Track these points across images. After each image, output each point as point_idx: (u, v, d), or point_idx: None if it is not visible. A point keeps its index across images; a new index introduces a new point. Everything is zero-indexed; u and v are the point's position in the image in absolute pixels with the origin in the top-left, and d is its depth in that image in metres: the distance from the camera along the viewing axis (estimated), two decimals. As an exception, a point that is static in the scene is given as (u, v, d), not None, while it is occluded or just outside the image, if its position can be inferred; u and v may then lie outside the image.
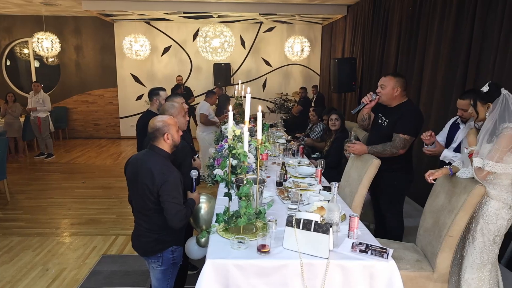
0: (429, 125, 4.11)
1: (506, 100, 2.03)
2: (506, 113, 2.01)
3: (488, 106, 2.11)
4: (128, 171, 2.18)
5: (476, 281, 2.14)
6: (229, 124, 1.98)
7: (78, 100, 9.55)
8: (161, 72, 9.51)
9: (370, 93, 2.88)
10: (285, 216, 1.89)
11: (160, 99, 3.38)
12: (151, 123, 2.12)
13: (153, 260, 2.14)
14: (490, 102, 2.09)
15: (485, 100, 2.14)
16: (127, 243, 3.66)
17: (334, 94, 8.05)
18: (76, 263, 3.33)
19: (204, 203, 2.46)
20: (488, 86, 2.14)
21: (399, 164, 2.83)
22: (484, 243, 2.10)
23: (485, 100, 2.14)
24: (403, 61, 5.06)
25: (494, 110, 2.05)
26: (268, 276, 1.71)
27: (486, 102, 2.13)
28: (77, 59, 9.38)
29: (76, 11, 8.20)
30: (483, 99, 2.15)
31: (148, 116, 3.08)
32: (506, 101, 2.03)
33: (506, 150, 1.96)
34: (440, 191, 2.31)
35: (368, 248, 1.80)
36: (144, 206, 2.06)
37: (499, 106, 2.03)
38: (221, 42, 7.12)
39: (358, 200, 2.67)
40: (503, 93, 2.06)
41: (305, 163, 3.63)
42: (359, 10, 6.85)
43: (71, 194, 5.25)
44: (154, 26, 9.32)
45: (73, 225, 4.20)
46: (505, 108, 2.02)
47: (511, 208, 2.07)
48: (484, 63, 3.45)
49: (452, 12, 3.91)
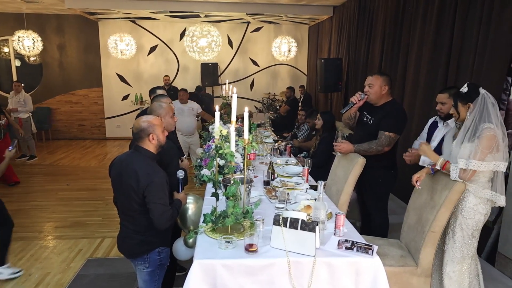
0: (412, 125, 4.20)
1: (485, 99, 2.10)
2: (485, 112, 2.08)
3: (468, 106, 2.17)
4: (112, 172, 2.15)
5: (457, 274, 2.21)
6: (215, 124, 1.98)
7: (62, 100, 9.37)
8: (147, 72, 9.42)
9: (359, 92, 2.93)
10: (272, 215, 1.90)
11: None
12: (136, 124, 2.09)
13: (140, 262, 2.12)
14: (470, 102, 2.16)
15: (465, 100, 2.20)
16: (113, 246, 3.62)
17: (320, 94, 8.12)
18: (61, 267, 3.27)
19: (192, 204, 2.45)
20: (467, 86, 2.21)
21: (384, 161, 2.89)
22: (463, 237, 2.18)
23: (465, 100, 2.20)
24: (387, 62, 5.14)
25: (474, 110, 2.11)
26: (255, 275, 1.72)
27: (466, 102, 2.19)
28: (60, 58, 9.20)
29: (59, 9, 8.05)
30: (463, 99, 2.21)
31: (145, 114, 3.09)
32: (485, 100, 2.10)
33: (487, 151, 2.03)
34: (423, 188, 2.36)
35: (354, 245, 1.83)
36: (129, 207, 2.04)
37: (479, 106, 2.10)
38: (208, 42, 7.10)
39: (344, 198, 2.70)
40: (482, 93, 2.12)
41: (292, 162, 3.66)
42: (344, 11, 6.93)
43: (55, 197, 5.15)
44: (140, 25, 9.22)
45: (57, 228, 4.12)
46: (484, 107, 2.09)
47: (487, 204, 2.15)
48: (464, 64, 3.55)
49: (433, 15, 4.01)
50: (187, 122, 5.37)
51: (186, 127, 5.35)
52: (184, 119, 5.26)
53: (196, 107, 5.57)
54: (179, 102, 5.41)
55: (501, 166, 2.06)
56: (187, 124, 5.35)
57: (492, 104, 2.10)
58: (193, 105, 5.57)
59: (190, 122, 5.46)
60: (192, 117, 5.53)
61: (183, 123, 5.23)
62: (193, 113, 5.52)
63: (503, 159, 2.06)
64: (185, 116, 5.32)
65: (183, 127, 5.26)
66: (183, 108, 5.36)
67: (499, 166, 2.06)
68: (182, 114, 5.23)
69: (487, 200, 2.13)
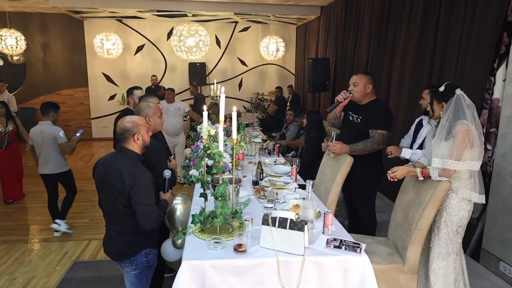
0: (397, 124, 4.26)
1: (460, 100, 2.15)
2: (460, 112, 2.13)
3: (442, 106, 2.22)
4: (96, 174, 2.12)
5: (443, 270, 2.26)
6: (204, 124, 1.97)
7: (47, 101, 9.17)
8: (134, 71, 9.31)
9: (344, 91, 2.96)
10: (261, 215, 1.90)
11: (134, 97, 3.42)
12: (120, 124, 2.05)
13: (127, 264, 2.09)
14: (445, 102, 2.20)
15: (440, 99, 2.25)
16: (100, 248, 3.56)
17: (308, 94, 8.16)
18: (46, 270, 3.20)
19: (180, 204, 2.44)
20: (444, 86, 2.26)
21: (371, 160, 2.93)
22: (448, 234, 2.22)
23: (440, 99, 2.25)
24: (373, 62, 5.21)
25: (448, 110, 2.16)
26: (244, 275, 1.72)
27: (440, 102, 2.25)
28: (45, 57, 9.02)
29: (43, 7, 7.90)
30: (438, 98, 2.27)
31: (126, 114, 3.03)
32: (460, 101, 2.15)
33: (463, 146, 2.08)
34: (409, 187, 2.40)
35: (342, 243, 1.85)
36: (114, 209, 2.01)
37: (453, 106, 2.15)
38: (196, 42, 7.06)
39: (333, 197, 2.72)
40: (457, 94, 2.17)
41: (281, 162, 3.66)
42: (332, 12, 6.98)
43: (40, 199, 5.03)
44: (126, 24, 9.12)
45: (42, 231, 4.04)
46: (458, 108, 2.14)
47: (471, 201, 2.19)
48: (448, 64, 3.62)
49: (418, 16, 4.07)
50: (173, 122, 5.30)
51: (171, 127, 5.30)
52: (170, 119, 5.20)
53: (183, 107, 5.52)
54: (166, 102, 5.36)
55: (475, 166, 2.12)
56: (172, 124, 5.29)
57: (467, 105, 2.14)
58: (180, 105, 5.52)
59: (176, 122, 5.40)
60: (179, 117, 5.47)
61: (168, 123, 5.18)
62: (179, 113, 5.46)
63: (478, 158, 2.11)
64: (171, 116, 5.25)
65: (168, 127, 5.20)
66: (169, 107, 5.31)
67: (474, 165, 2.11)
68: (168, 114, 5.18)
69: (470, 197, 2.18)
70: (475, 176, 2.19)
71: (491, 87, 3.08)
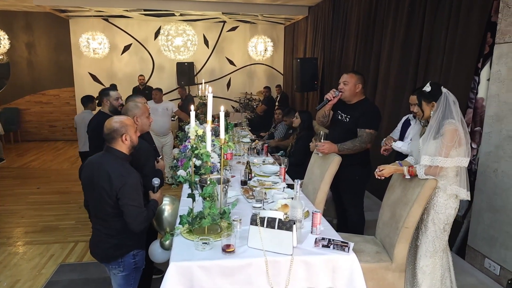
0: (383, 123, 4.30)
1: (447, 98, 2.20)
2: (448, 110, 2.18)
3: (432, 105, 2.26)
4: (83, 174, 2.08)
5: (430, 267, 2.29)
6: (191, 124, 1.96)
7: (31, 101, 9.02)
8: (121, 71, 9.20)
9: (333, 90, 2.97)
10: (250, 215, 1.90)
11: (110, 99, 3.17)
12: (107, 124, 2.03)
13: (114, 266, 2.07)
14: (434, 101, 2.24)
15: (429, 99, 2.28)
16: (87, 250, 3.50)
17: (297, 94, 8.19)
18: (31, 273, 3.14)
19: (168, 205, 2.41)
20: (430, 85, 2.29)
21: (359, 158, 2.95)
22: (436, 232, 2.25)
23: (429, 99, 2.28)
24: (360, 61, 5.25)
25: (438, 109, 2.20)
26: (233, 275, 1.71)
27: (430, 101, 2.27)
28: (29, 57, 8.84)
29: (27, 5, 7.73)
30: (427, 98, 2.29)
31: (99, 117, 2.95)
32: (447, 99, 2.20)
33: (451, 145, 2.12)
34: (396, 185, 2.42)
35: (330, 243, 1.85)
36: (102, 210, 1.98)
37: (442, 105, 2.19)
38: (183, 41, 7.02)
39: (321, 196, 2.73)
40: (443, 92, 2.21)
41: (269, 161, 3.66)
42: (319, 11, 7.02)
43: (25, 201, 4.94)
44: (113, 24, 8.99)
45: (27, 233, 3.96)
46: (446, 106, 2.18)
47: (457, 198, 2.23)
48: (433, 64, 3.67)
49: (403, 16, 4.12)
50: (160, 122, 5.26)
51: (159, 127, 5.25)
52: (157, 119, 5.15)
53: (171, 107, 5.49)
54: (153, 102, 5.32)
55: (463, 162, 2.15)
56: (160, 124, 5.25)
57: (453, 102, 2.20)
58: (168, 105, 5.48)
59: (164, 122, 5.37)
60: (167, 117, 5.44)
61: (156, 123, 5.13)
62: (167, 113, 5.42)
63: (466, 155, 2.15)
64: (159, 116, 5.21)
65: (156, 127, 5.15)
66: (156, 107, 5.27)
67: (462, 161, 2.15)
68: (156, 114, 5.14)
69: (456, 195, 2.22)
70: (462, 174, 2.22)
71: (476, 86, 3.14)
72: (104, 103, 3.19)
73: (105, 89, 3.36)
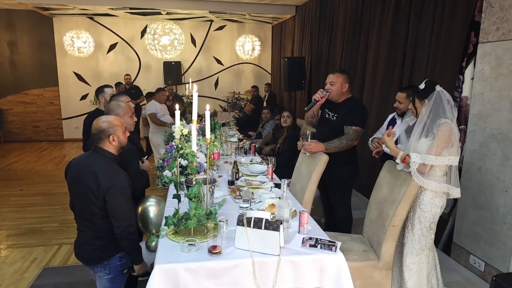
0: (370, 121, 4.33)
1: (440, 96, 2.19)
2: (440, 108, 2.17)
3: (424, 103, 2.26)
4: (69, 174, 2.03)
5: (416, 265, 2.30)
6: (176, 123, 1.92)
7: (14, 101, 8.80)
8: (107, 70, 9.05)
9: (321, 90, 2.98)
10: (237, 215, 1.87)
11: (105, 96, 3.29)
12: (95, 124, 1.99)
13: (100, 268, 2.02)
14: (426, 99, 2.24)
15: (422, 96, 2.28)
16: (72, 253, 3.43)
17: (285, 93, 8.19)
18: (13, 277, 3.05)
19: (153, 206, 2.38)
20: (424, 83, 2.30)
21: (347, 157, 2.96)
22: (422, 230, 2.26)
23: (422, 96, 2.28)
24: (347, 61, 5.28)
25: (428, 106, 2.20)
26: (219, 277, 1.69)
27: (422, 99, 2.28)
28: (11, 56, 8.63)
29: (9, 3, 7.54)
30: (420, 95, 2.30)
31: (96, 115, 2.91)
32: (440, 97, 2.18)
33: (443, 145, 2.12)
34: (383, 184, 2.43)
35: (318, 242, 1.84)
36: (88, 211, 1.94)
37: (433, 102, 2.18)
38: (170, 40, 6.94)
39: (308, 195, 2.73)
40: (437, 90, 2.21)
41: (257, 161, 3.65)
42: (306, 11, 7.03)
43: (7, 203, 4.82)
44: (98, 22, 8.84)
45: (9, 236, 3.85)
46: (438, 104, 2.17)
47: (443, 197, 2.24)
48: (418, 62, 3.71)
49: (389, 15, 4.15)
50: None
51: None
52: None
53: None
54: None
55: (455, 161, 2.16)
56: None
57: (447, 101, 2.19)
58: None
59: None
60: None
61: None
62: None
63: (457, 154, 2.16)
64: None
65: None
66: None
67: (453, 160, 2.16)
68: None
69: (442, 193, 2.23)
70: (453, 172, 2.21)
71: (460, 85, 3.18)
72: (100, 100, 3.33)
73: (101, 86, 3.45)
